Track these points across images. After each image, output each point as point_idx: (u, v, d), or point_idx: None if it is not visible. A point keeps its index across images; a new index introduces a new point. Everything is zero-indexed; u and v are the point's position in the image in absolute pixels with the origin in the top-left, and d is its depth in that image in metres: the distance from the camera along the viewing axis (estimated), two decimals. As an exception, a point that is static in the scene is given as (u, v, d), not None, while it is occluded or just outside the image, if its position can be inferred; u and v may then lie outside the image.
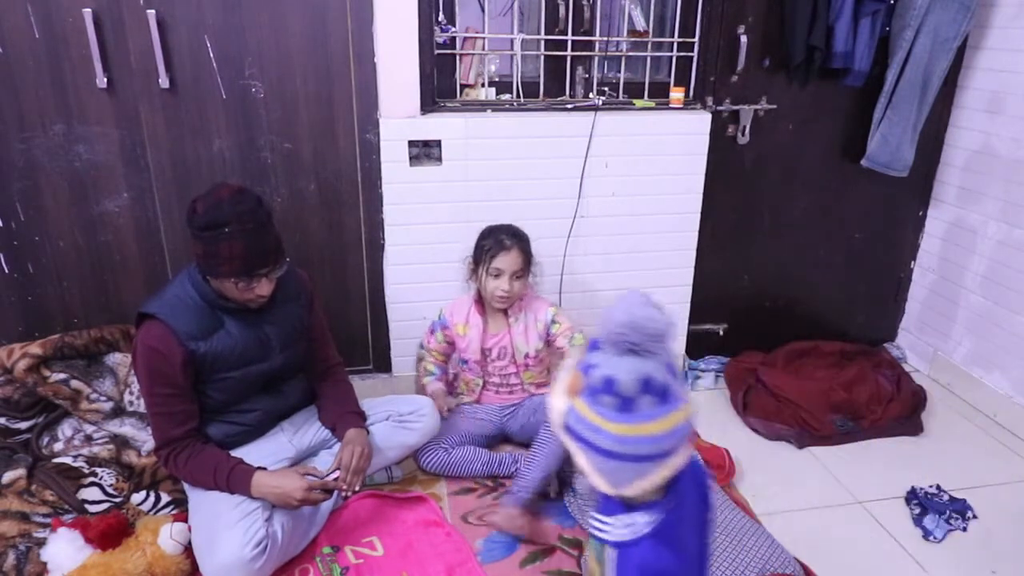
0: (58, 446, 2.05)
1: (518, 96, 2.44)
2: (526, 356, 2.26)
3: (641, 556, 1.00)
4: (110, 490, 1.90)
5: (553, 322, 2.26)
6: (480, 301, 2.26)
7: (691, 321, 2.79)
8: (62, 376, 2.07)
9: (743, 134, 2.59)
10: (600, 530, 1.04)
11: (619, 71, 2.50)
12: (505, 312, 2.24)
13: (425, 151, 2.33)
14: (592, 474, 0.99)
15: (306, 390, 2.02)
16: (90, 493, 1.87)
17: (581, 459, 0.99)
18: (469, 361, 2.28)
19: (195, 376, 1.75)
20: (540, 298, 2.32)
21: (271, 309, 1.82)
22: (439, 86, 2.37)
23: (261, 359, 1.83)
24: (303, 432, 1.98)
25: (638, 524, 0.99)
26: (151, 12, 2.01)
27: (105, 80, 2.05)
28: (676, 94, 2.47)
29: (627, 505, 1.01)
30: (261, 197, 1.71)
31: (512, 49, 2.38)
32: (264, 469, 1.76)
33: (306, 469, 1.80)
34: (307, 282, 1.98)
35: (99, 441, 2.06)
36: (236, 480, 1.72)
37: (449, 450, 2.16)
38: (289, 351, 1.89)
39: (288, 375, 1.94)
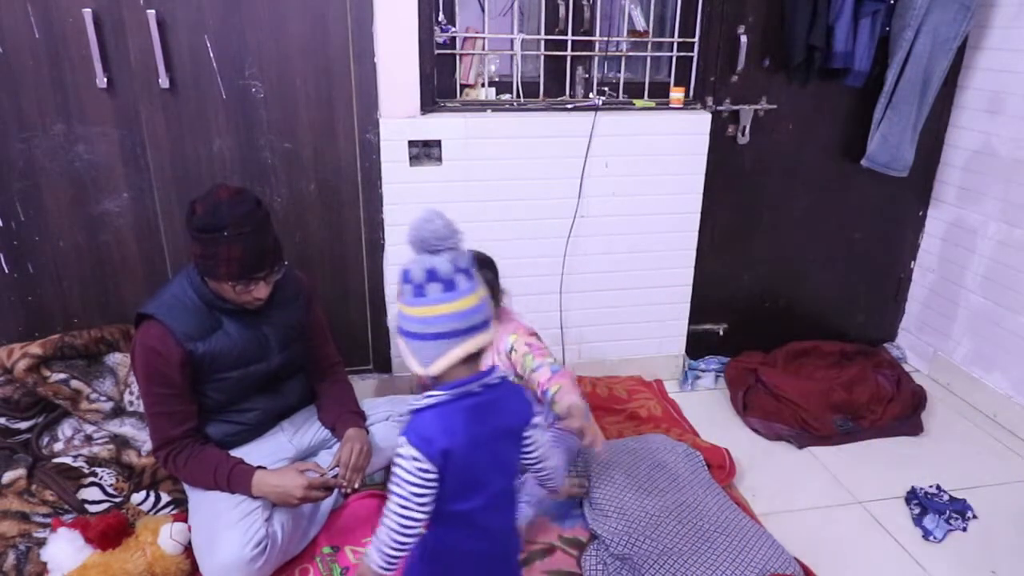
0: (58, 446, 2.05)
1: (518, 96, 2.44)
2: None
3: (421, 420, 1.20)
4: (110, 490, 1.90)
5: (512, 349, 2.00)
6: None
7: (691, 321, 2.79)
8: (62, 376, 2.07)
9: (743, 134, 2.59)
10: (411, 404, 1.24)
11: (619, 71, 2.50)
12: None
13: (425, 151, 2.33)
14: (408, 359, 1.22)
15: (306, 390, 2.02)
16: (90, 493, 1.87)
17: (402, 348, 1.23)
18: None
19: (194, 376, 1.74)
20: (512, 323, 2.05)
21: (269, 310, 1.82)
22: (439, 86, 2.37)
23: (259, 359, 1.83)
24: (303, 432, 1.98)
25: (433, 396, 1.20)
26: (151, 12, 2.01)
27: (105, 80, 2.05)
28: (676, 94, 2.47)
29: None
30: (260, 199, 1.71)
31: (512, 49, 2.38)
32: (264, 468, 1.76)
33: (306, 466, 1.80)
34: (305, 283, 1.97)
35: (99, 441, 2.06)
36: (236, 479, 1.72)
37: None
38: (287, 351, 1.89)
39: (287, 375, 1.94)
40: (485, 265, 1.99)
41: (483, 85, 2.43)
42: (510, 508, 1.35)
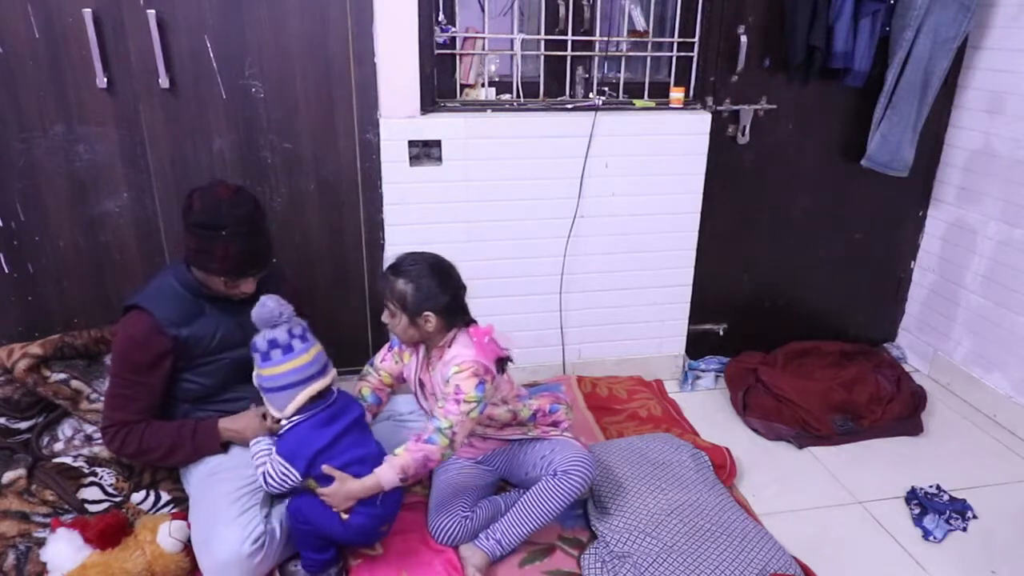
0: (58, 446, 2.05)
1: (518, 96, 2.45)
2: None
3: (288, 437, 1.69)
4: (110, 489, 1.90)
5: (447, 381, 1.76)
6: None
7: (691, 321, 2.79)
8: (62, 376, 2.07)
9: (743, 134, 2.59)
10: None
11: (619, 71, 2.50)
12: (429, 355, 1.88)
13: (425, 151, 2.34)
14: (268, 406, 1.71)
15: None
16: (90, 493, 1.87)
17: (265, 399, 1.71)
18: (415, 394, 1.98)
19: (180, 362, 1.78)
20: (466, 351, 1.78)
21: (253, 296, 1.84)
22: (439, 86, 2.37)
23: (243, 343, 1.84)
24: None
25: (292, 422, 1.69)
26: (151, 12, 2.01)
27: (105, 80, 2.05)
28: (676, 94, 2.47)
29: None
30: (257, 199, 1.74)
31: (512, 49, 2.38)
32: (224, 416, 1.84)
33: (264, 410, 1.82)
34: (285, 272, 2.01)
35: (99, 441, 2.05)
36: (202, 431, 1.79)
37: (471, 517, 1.87)
38: None
39: None
40: (400, 271, 1.76)
41: (483, 85, 2.43)
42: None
